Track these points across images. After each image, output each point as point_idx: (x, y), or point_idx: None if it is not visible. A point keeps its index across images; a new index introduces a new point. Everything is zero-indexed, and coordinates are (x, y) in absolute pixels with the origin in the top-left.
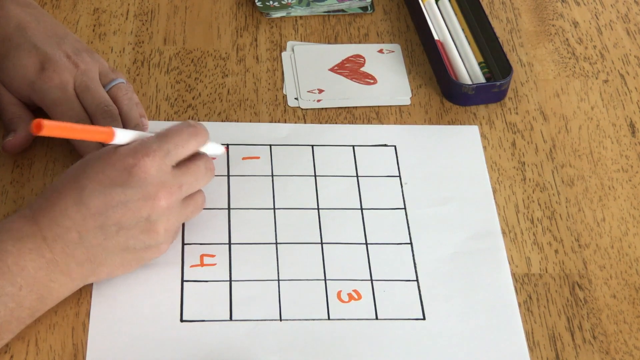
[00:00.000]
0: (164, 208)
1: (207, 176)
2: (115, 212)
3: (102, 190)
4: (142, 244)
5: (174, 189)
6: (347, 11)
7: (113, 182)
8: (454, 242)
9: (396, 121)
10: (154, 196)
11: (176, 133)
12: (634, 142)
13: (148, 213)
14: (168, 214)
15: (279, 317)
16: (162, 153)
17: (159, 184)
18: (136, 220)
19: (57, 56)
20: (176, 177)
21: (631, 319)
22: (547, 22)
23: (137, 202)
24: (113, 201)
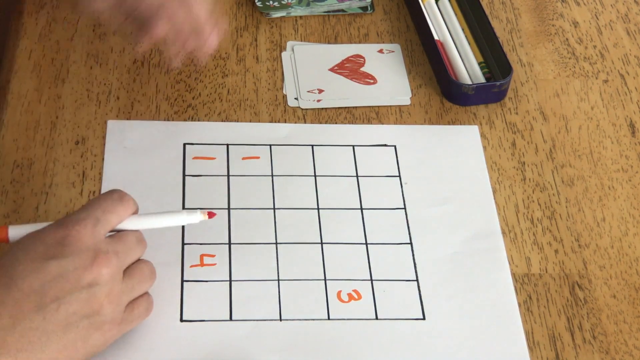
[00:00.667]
0: (104, 275)
1: (140, 248)
2: (52, 286)
3: (35, 268)
4: (85, 319)
5: (110, 255)
6: (347, 11)
7: (46, 256)
8: (454, 242)
9: (396, 121)
10: (92, 263)
11: (101, 201)
12: (634, 142)
13: (88, 282)
14: (110, 283)
15: (279, 317)
16: (92, 221)
17: (94, 251)
18: (77, 291)
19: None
20: (110, 243)
21: (631, 319)
22: (547, 22)
23: (76, 272)
24: (49, 276)
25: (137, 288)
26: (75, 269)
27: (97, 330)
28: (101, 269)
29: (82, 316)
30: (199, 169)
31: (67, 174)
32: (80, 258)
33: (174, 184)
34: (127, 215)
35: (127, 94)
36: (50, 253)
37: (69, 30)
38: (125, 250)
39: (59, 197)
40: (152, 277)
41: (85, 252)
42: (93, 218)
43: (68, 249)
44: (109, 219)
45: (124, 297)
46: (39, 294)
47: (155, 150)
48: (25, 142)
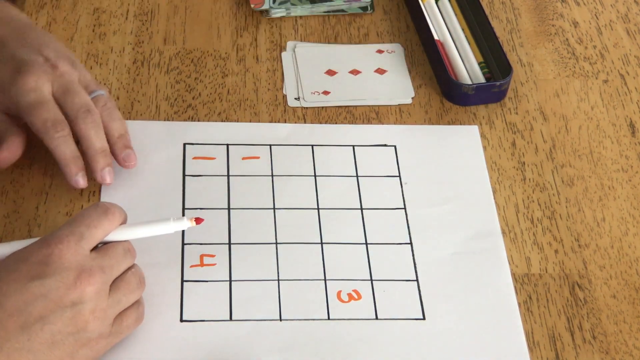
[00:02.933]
0: (88, 293)
1: (128, 259)
2: (35, 306)
3: (18, 288)
4: (70, 337)
5: (94, 271)
6: (347, 11)
7: (29, 276)
8: (454, 242)
9: (396, 121)
10: (76, 282)
11: (85, 215)
12: (634, 142)
13: (72, 300)
14: (95, 300)
15: (279, 317)
16: (75, 237)
17: (77, 268)
18: (61, 310)
19: (34, 60)
20: (95, 259)
21: (631, 319)
22: (547, 22)
23: (59, 291)
24: (32, 296)
25: (124, 300)
26: (58, 288)
27: (84, 345)
28: (85, 287)
29: (67, 334)
30: (199, 169)
31: None
32: (62, 277)
33: (174, 184)
34: (113, 228)
35: (127, 94)
36: (34, 272)
37: (69, 30)
38: (111, 264)
39: (59, 197)
40: (140, 287)
41: (68, 271)
42: (77, 234)
43: (51, 268)
44: (93, 234)
45: (110, 311)
46: (23, 314)
47: (155, 150)
48: (25, 142)
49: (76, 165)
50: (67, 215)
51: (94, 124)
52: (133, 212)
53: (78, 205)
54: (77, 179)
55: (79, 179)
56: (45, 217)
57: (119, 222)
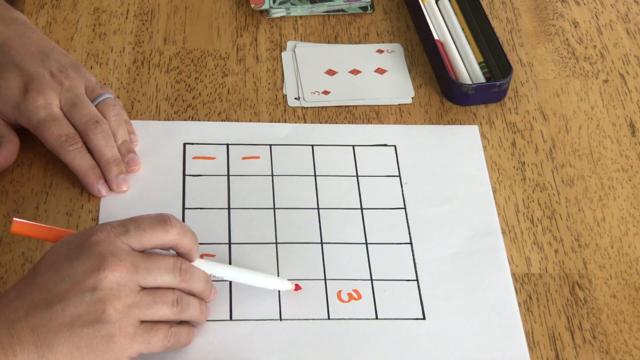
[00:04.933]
0: (109, 281)
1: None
2: (61, 287)
3: (52, 267)
4: (90, 326)
5: (124, 264)
6: (347, 11)
7: (64, 257)
8: (454, 242)
9: (396, 121)
10: (100, 267)
11: (143, 217)
12: (634, 142)
13: (92, 285)
14: (116, 290)
15: (279, 317)
16: (119, 230)
17: (107, 256)
18: (81, 293)
19: (41, 75)
20: (132, 255)
21: (631, 318)
22: (547, 22)
23: (82, 274)
24: (60, 276)
25: (153, 309)
26: (83, 272)
27: (104, 340)
28: (107, 273)
29: (87, 322)
30: (199, 169)
31: (67, 174)
32: (90, 261)
33: (174, 183)
34: (166, 240)
35: (127, 94)
36: (69, 255)
37: (69, 30)
38: (149, 267)
39: (59, 197)
40: (175, 306)
41: (98, 257)
42: (122, 228)
43: (83, 252)
44: (140, 235)
45: (135, 310)
46: (50, 292)
47: (155, 150)
48: (26, 141)
49: (95, 175)
50: (67, 215)
51: (103, 134)
52: (133, 212)
53: (78, 205)
54: (99, 187)
55: (101, 188)
56: (45, 217)
57: (174, 237)
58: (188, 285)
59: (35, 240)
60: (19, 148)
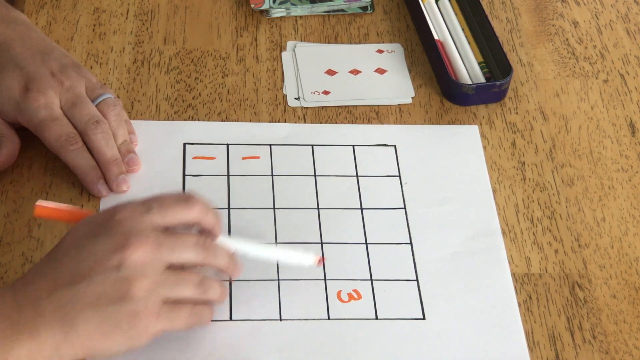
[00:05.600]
0: (136, 260)
1: (197, 253)
2: (85, 265)
3: (75, 245)
4: (115, 304)
5: (149, 243)
6: (347, 11)
7: (87, 236)
8: (454, 242)
9: (396, 121)
10: (124, 245)
11: (164, 196)
12: (634, 142)
13: (118, 263)
14: (141, 268)
15: (279, 317)
16: (143, 208)
17: (131, 234)
18: (106, 271)
19: (41, 75)
20: (155, 233)
21: (631, 318)
22: (547, 22)
23: (107, 252)
24: (84, 254)
25: (177, 288)
26: (107, 250)
27: (129, 317)
28: (132, 252)
29: (111, 299)
30: (199, 169)
31: (67, 174)
32: (114, 239)
33: (174, 184)
34: (188, 217)
35: (127, 94)
36: (92, 233)
37: (69, 30)
38: (172, 245)
39: (59, 197)
40: (198, 287)
41: (122, 235)
42: (145, 207)
43: (107, 230)
44: (163, 212)
45: (161, 290)
46: (74, 270)
47: (155, 150)
48: (26, 141)
49: (95, 175)
50: None
51: (103, 134)
52: None
53: (78, 204)
54: (99, 187)
55: (101, 188)
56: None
57: (197, 214)
58: (213, 261)
59: (35, 240)
60: (19, 148)
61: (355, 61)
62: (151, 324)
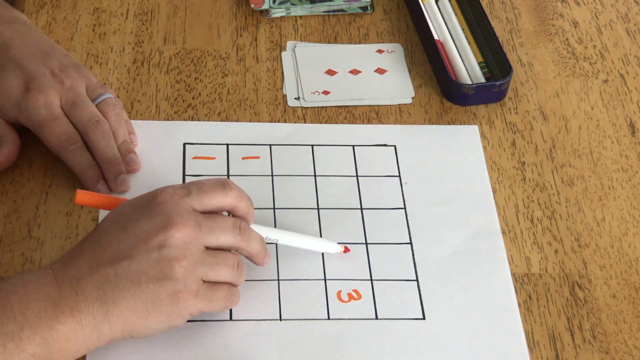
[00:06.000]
0: (176, 239)
1: (233, 235)
2: (127, 244)
3: (117, 226)
4: (156, 282)
5: (188, 222)
6: (347, 11)
7: (129, 217)
8: (454, 242)
9: (396, 121)
10: (166, 225)
11: (203, 180)
12: (634, 142)
13: (160, 243)
14: (182, 248)
15: (279, 317)
16: (183, 191)
17: (173, 215)
18: (148, 251)
19: (42, 74)
20: (195, 214)
21: (631, 318)
22: (547, 22)
23: (149, 232)
24: (126, 233)
25: (217, 269)
26: (149, 230)
27: (170, 296)
28: (174, 232)
29: (153, 278)
30: (199, 169)
31: (67, 174)
32: (156, 220)
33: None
34: (225, 203)
35: (127, 94)
36: (134, 215)
37: (69, 30)
38: (211, 226)
39: (59, 197)
40: (236, 270)
41: (163, 215)
42: (185, 190)
43: (148, 211)
44: (202, 197)
45: (200, 269)
46: (115, 249)
47: (155, 150)
48: (26, 141)
49: (95, 175)
50: (67, 215)
51: (103, 133)
52: None
53: (78, 205)
54: (99, 187)
55: (101, 188)
56: (45, 217)
57: (233, 199)
58: (246, 245)
59: (35, 240)
60: (19, 148)
61: (355, 61)
62: (190, 302)
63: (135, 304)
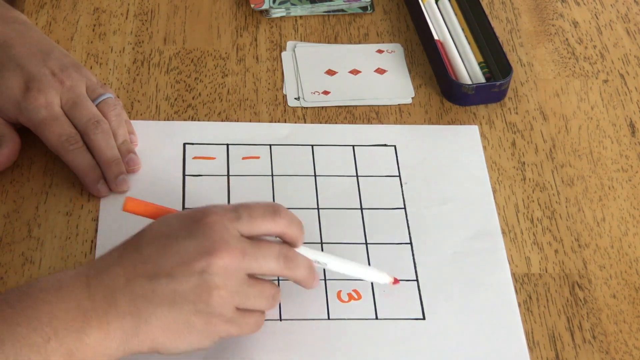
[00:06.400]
0: (219, 267)
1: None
2: (168, 262)
3: (161, 239)
4: (191, 304)
5: (235, 252)
6: (347, 11)
7: (174, 232)
8: (454, 242)
9: (396, 121)
10: (211, 251)
11: (254, 205)
12: (634, 142)
13: (202, 268)
14: (225, 277)
15: (279, 317)
16: (232, 215)
17: (219, 241)
18: (189, 273)
19: (42, 74)
20: (241, 241)
21: (631, 318)
22: (547, 22)
23: (193, 254)
24: (169, 251)
25: (252, 300)
26: (193, 252)
27: (202, 320)
28: (217, 259)
29: (189, 300)
30: (199, 169)
31: (67, 174)
32: (201, 242)
33: (174, 183)
34: (275, 229)
35: (127, 94)
36: (179, 231)
37: (69, 30)
38: (256, 255)
39: (59, 197)
40: (271, 300)
41: (209, 239)
42: (235, 214)
43: (194, 232)
44: (251, 223)
45: (237, 298)
46: (155, 265)
47: (155, 150)
48: (26, 141)
49: (95, 175)
50: (67, 215)
51: (103, 134)
52: None
53: (78, 205)
54: (99, 187)
55: (101, 188)
56: (45, 217)
57: (283, 227)
58: (292, 273)
59: (35, 240)
60: (20, 147)
61: (355, 61)
62: (221, 327)
63: (167, 323)
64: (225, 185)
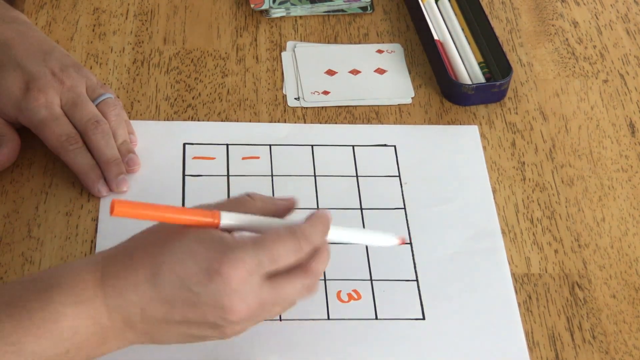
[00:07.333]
0: (235, 323)
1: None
2: (182, 307)
3: (176, 282)
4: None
5: (251, 308)
6: (347, 11)
7: (189, 278)
8: (454, 242)
9: (396, 121)
10: (226, 309)
11: (276, 244)
12: (634, 142)
13: (214, 320)
14: (241, 326)
15: (278, 317)
16: (252, 265)
17: (236, 298)
18: (203, 322)
19: (42, 74)
20: (260, 293)
21: (631, 319)
22: (547, 22)
23: (207, 307)
24: (184, 297)
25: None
26: (208, 305)
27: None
28: (233, 316)
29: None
30: (199, 169)
31: (67, 174)
32: (217, 299)
33: (174, 184)
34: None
35: (127, 94)
36: (195, 279)
37: (69, 30)
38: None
39: (59, 197)
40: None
41: (226, 297)
42: (256, 261)
43: (210, 285)
44: (274, 265)
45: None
46: (171, 306)
47: (155, 150)
48: (26, 141)
49: (95, 175)
50: (67, 215)
51: (103, 134)
52: None
53: (78, 205)
54: (99, 187)
55: (101, 188)
56: (45, 217)
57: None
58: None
59: (35, 240)
60: (19, 147)
61: (355, 61)
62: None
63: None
64: (225, 185)
